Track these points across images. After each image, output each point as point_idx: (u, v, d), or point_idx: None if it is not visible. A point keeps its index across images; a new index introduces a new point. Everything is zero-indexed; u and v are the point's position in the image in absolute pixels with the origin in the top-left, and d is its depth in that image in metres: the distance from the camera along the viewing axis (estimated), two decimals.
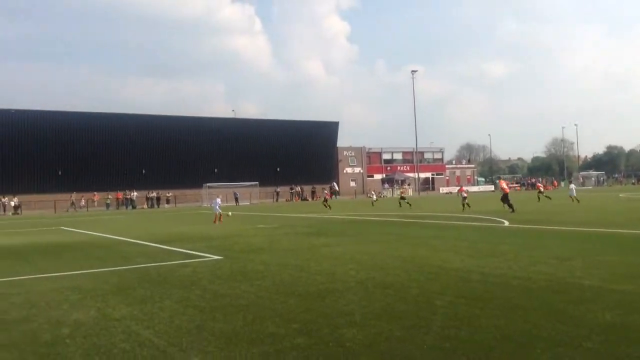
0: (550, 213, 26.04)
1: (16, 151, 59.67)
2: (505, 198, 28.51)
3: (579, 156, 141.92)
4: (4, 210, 54.09)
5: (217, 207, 27.39)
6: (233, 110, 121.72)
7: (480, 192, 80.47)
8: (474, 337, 5.69)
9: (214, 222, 26.24)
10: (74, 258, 14.18)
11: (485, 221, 21.99)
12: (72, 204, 57.39)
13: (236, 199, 59.12)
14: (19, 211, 53.62)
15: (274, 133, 74.73)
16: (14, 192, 55.68)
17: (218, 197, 30.73)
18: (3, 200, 54.96)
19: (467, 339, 5.63)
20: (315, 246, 14.94)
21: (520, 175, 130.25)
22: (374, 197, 50.37)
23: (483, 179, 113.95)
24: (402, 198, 38.96)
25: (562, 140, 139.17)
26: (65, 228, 27.45)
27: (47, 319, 7.20)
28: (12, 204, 54.25)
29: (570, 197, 36.22)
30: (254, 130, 74.02)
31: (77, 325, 6.82)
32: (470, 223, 21.68)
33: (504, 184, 32.83)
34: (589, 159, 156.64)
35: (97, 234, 22.75)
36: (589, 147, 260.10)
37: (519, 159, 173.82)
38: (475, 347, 5.34)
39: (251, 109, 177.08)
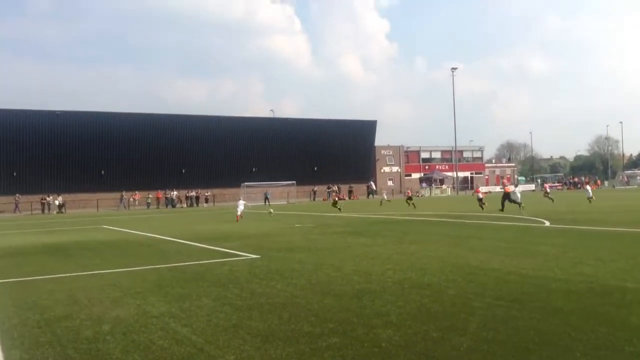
0: (593, 213, 25.36)
1: (61, 151, 61.42)
2: (504, 197, 29.16)
3: (623, 154, 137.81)
4: (49, 209, 55.78)
5: (241, 207, 29.44)
6: (271, 110, 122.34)
7: (521, 191, 78.95)
8: (512, 340, 5.59)
9: (237, 220, 27.85)
10: (115, 256, 14.53)
11: (525, 221, 21.57)
12: (121, 199, 58.90)
13: (266, 199, 59.34)
14: (63, 210, 55.19)
15: (312, 132, 74.91)
16: (58, 192, 57.36)
17: (241, 199, 32.50)
18: (48, 199, 56.67)
19: (504, 342, 5.53)
20: (352, 246, 14.92)
21: (562, 174, 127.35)
22: (385, 196, 49.53)
23: (523, 178, 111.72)
24: (410, 199, 38.90)
25: (607, 138, 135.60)
26: (107, 227, 28.14)
27: (88, 316, 7.39)
28: (57, 202, 55.90)
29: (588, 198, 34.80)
30: (291, 129, 74.37)
31: (117, 321, 6.99)
32: (509, 223, 21.29)
33: (507, 183, 32.83)
34: (634, 158, 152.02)
35: (138, 232, 23.24)
36: (634, 145, 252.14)
37: (561, 157, 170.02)
38: (513, 350, 5.25)
39: (289, 108, 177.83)
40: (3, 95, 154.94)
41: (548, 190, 42.84)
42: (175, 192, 62.08)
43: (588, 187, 38.99)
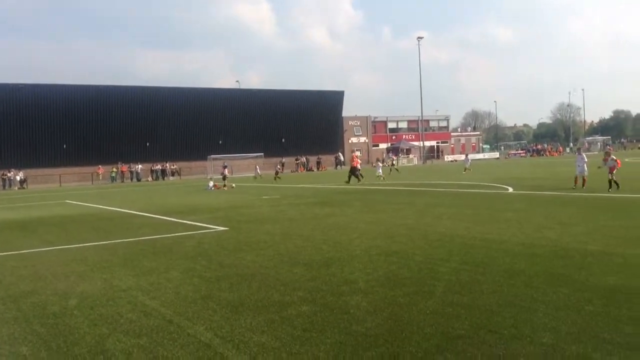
0: (554, 179, 25.95)
1: (21, 125, 59.61)
2: (352, 170, 31.46)
3: (584, 121, 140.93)
4: (10, 185, 54.38)
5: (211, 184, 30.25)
6: (237, 81, 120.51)
7: (485, 159, 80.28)
8: (477, 303, 5.73)
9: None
10: (80, 231, 14.29)
11: (490, 188, 21.96)
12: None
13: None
14: (24, 185, 53.89)
15: (279, 103, 74.28)
16: (19, 167, 55.88)
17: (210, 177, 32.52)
18: (9, 174, 55.19)
19: (469, 304, 5.67)
20: (319, 216, 14.99)
21: (525, 142, 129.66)
22: (381, 169, 39.74)
23: (488, 146, 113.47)
24: (392, 165, 40.49)
25: (569, 105, 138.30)
26: (71, 202, 27.61)
27: (54, 291, 7.29)
28: (18, 178, 54.50)
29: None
30: (258, 100, 73.59)
31: (84, 296, 6.91)
32: (474, 190, 21.65)
33: (355, 157, 33.78)
34: (595, 124, 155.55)
35: (103, 207, 22.88)
36: (596, 112, 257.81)
37: (524, 125, 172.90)
38: (478, 312, 5.38)
39: (255, 80, 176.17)
40: None
41: (394, 162, 44.66)
42: (140, 166, 61.11)
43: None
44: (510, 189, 20.95)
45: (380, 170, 37.42)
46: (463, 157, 47.96)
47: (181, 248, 10.44)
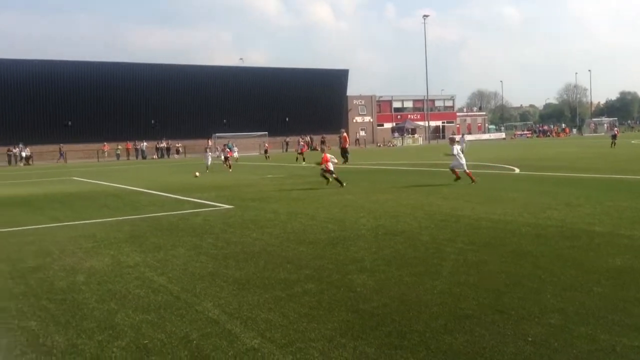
0: (560, 160, 25.84)
1: (26, 102, 59.58)
2: (344, 151, 31.63)
3: (591, 102, 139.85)
4: (15, 161, 54.51)
5: (209, 159, 29.27)
6: (241, 59, 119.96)
7: (491, 139, 79.90)
8: (484, 283, 5.73)
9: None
10: (86, 207, 14.32)
11: (496, 169, 21.89)
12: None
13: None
14: (30, 162, 54.02)
15: (283, 82, 73.89)
16: (24, 143, 55.92)
17: (208, 151, 31.43)
18: (14, 151, 55.30)
19: (476, 285, 5.67)
20: (324, 195, 14.97)
21: (531, 122, 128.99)
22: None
23: (494, 127, 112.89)
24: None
25: (575, 86, 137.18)
26: (76, 178, 27.66)
27: (62, 267, 7.32)
28: (23, 154, 54.61)
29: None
30: (262, 79, 73.19)
31: (92, 272, 6.95)
32: (480, 171, 21.57)
33: (345, 137, 34.21)
34: (602, 105, 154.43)
35: (108, 183, 22.92)
36: (602, 93, 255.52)
37: (530, 105, 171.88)
38: (485, 292, 5.38)
39: (259, 58, 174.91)
40: None
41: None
42: (145, 144, 61.12)
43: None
44: (517, 170, 20.87)
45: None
46: (468, 137, 46.34)
47: (187, 225, 10.47)
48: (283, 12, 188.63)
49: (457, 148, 16.96)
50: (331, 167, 17.02)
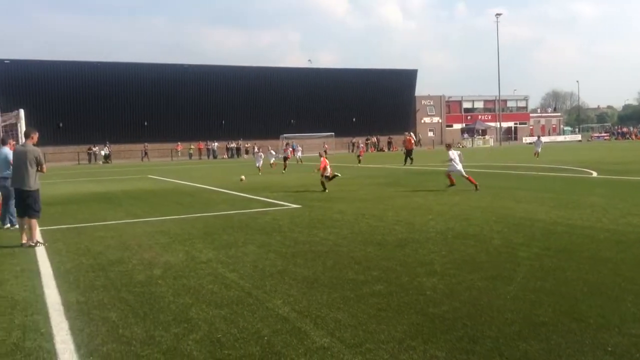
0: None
1: (105, 103, 62.50)
2: (409, 153, 31.55)
3: None
4: (95, 159, 57.27)
5: (260, 160, 29.49)
6: (309, 60, 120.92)
7: (566, 141, 76.87)
8: (560, 290, 5.53)
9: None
10: (161, 204, 14.87)
11: (572, 172, 21.05)
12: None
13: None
14: (109, 160, 56.59)
15: (350, 82, 73.92)
16: (104, 142, 58.69)
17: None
18: (94, 149, 58.11)
19: (552, 291, 5.48)
20: (392, 196, 14.88)
21: (609, 124, 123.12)
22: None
23: (570, 128, 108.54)
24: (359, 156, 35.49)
25: None
26: (152, 176, 28.76)
27: (139, 261, 7.64)
28: (103, 153, 57.28)
29: None
30: (330, 79, 73.51)
31: (168, 266, 7.21)
32: (555, 174, 20.83)
33: (410, 139, 33.31)
34: None
35: (182, 182, 23.69)
36: None
37: (608, 107, 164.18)
38: (562, 299, 5.20)
39: (327, 58, 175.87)
40: (42, 47, 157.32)
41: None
42: (216, 144, 62.78)
43: None
44: (595, 173, 19.98)
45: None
46: (535, 138, 44.63)
47: (257, 223, 10.67)
48: (351, 11, 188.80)
49: (454, 153, 16.35)
50: (328, 172, 16.91)
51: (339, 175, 17.87)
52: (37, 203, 9.15)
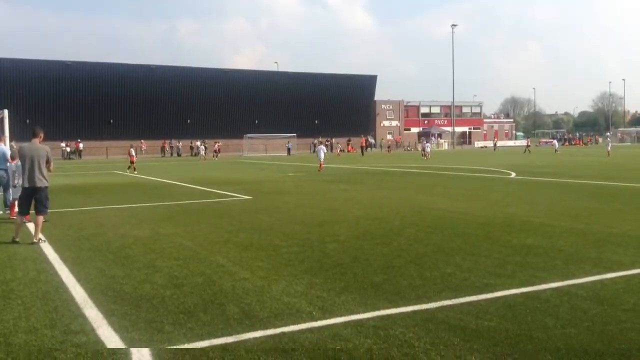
0: (561, 167, 27.53)
1: (72, 101, 63.55)
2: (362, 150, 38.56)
3: (625, 111, 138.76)
4: (67, 156, 58.56)
5: (322, 154, 28.73)
6: (276, 62, 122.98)
7: (515, 146, 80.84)
8: (417, 250, 7.93)
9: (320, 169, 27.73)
10: (130, 195, 16.90)
11: (495, 173, 23.82)
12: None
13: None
14: (78, 156, 57.78)
15: (313, 86, 76.38)
16: (72, 139, 59.87)
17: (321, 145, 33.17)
18: (62, 145, 59.27)
19: (410, 250, 7.89)
20: (332, 191, 17.25)
21: (564, 130, 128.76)
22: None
23: (522, 134, 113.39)
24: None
25: (610, 94, 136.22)
26: (119, 172, 30.52)
27: (114, 234, 9.77)
28: (69, 149, 58.41)
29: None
30: (293, 83, 75.84)
31: (137, 238, 9.36)
32: (480, 175, 23.54)
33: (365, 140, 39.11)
34: (638, 114, 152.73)
35: (148, 177, 25.61)
36: (638, 103, 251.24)
37: (565, 113, 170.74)
38: (413, 254, 7.59)
39: (289, 62, 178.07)
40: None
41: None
42: (180, 143, 64.44)
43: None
44: (513, 174, 22.78)
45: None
46: (490, 143, 48.29)
47: (211, 210, 12.88)
48: (307, 14, 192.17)
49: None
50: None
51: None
52: (48, 200, 9.38)
